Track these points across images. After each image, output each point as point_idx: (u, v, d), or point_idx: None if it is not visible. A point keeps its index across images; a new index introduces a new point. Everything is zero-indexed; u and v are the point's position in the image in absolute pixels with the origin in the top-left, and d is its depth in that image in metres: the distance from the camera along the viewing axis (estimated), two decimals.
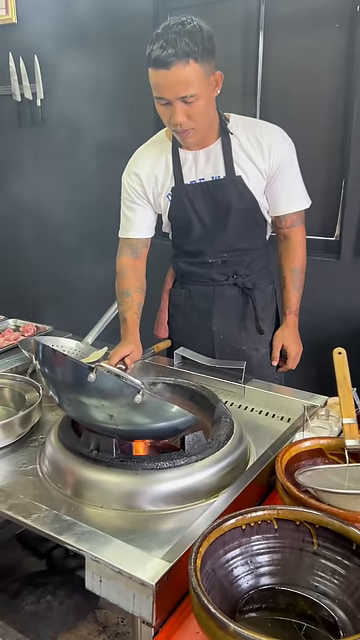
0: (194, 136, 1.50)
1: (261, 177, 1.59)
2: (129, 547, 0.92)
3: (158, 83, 1.38)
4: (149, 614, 0.85)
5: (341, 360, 1.26)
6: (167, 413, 1.11)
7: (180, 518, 1.05)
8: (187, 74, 1.35)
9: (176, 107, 1.40)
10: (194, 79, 1.36)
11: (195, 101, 1.40)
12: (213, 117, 1.53)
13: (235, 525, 0.89)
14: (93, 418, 1.11)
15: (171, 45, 1.32)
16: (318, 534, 0.89)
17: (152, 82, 1.40)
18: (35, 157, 3.14)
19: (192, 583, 0.76)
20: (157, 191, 1.64)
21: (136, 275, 1.68)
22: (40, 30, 2.92)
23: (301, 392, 1.49)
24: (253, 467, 1.15)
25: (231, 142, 1.56)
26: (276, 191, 1.63)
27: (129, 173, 1.66)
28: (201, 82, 1.38)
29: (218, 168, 1.58)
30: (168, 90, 1.38)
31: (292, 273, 1.74)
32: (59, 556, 1.63)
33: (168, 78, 1.35)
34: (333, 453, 1.16)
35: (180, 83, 1.36)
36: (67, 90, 2.93)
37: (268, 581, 0.89)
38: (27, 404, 1.40)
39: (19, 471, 1.21)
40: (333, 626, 0.82)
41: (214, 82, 1.44)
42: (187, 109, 1.41)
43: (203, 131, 1.51)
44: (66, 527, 0.97)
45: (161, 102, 1.42)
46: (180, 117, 1.42)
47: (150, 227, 1.71)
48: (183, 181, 1.61)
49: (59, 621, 1.44)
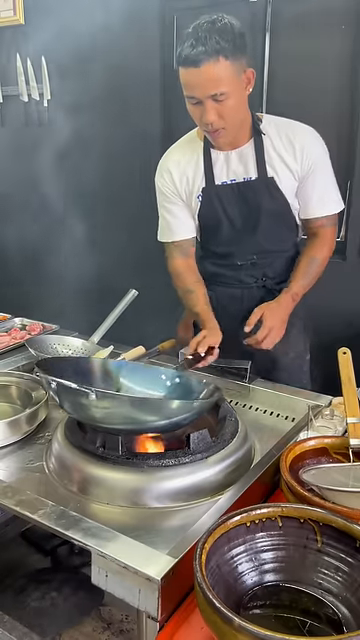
0: (225, 136, 1.48)
1: (293, 178, 1.56)
2: (135, 543, 0.93)
3: (188, 82, 1.37)
4: (154, 609, 0.86)
5: (346, 360, 1.27)
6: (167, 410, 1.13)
7: (185, 515, 1.06)
8: (217, 71, 1.33)
9: (207, 106, 1.39)
10: (224, 76, 1.35)
11: (226, 99, 1.38)
12: (245, 116, 1.51)
13: (240, 522, 0.89)
14: (92, 417, 1.13)
15: (201, 43, 1.31)
16: (322, 532, 0.90)
17: (183, 81, 1.39)
18: (41, 157, 3.15)
19: (197, 578, 0.77)
20: (188, 191, 1.63)
21: (191, 272, 1.69)
22: (47, 31, 2.93)
23: (306, 392, 1.50)
24: (258, 465, 1.16)
25: (263, 143, 1.54)
26: (307, 193, 1.59)
27: (161, 173, 1.65)
28: (232, 80, 1.36)
29: (250, 169, 1.56)
30: (198, 88, 1.36)
31: (309, 261, 1.64)
32: (64, 553, 1.64)
33: (198, 76, 1.34)
34: (337, 452, 1.17)
35: (210, 81, 1.34)
36: (74, 91, 2.95)
37: (272, 578, 0.90)
38: (34, 402, 1.41)
39: (26, 468, 1.22)
40: (337, 623, 0.83)
41: (246, 80, 1.42)
42: (218, 108, 1.39)
43: (235, 131, 1.49)
44: (72, 523, 0.98)
45: (192, 101, 1.41)
46: (211, 116, 1.40)
47: (192, 226, 1.68)
48: (214, 182, 1.58)
49: (64, 617, 1.46)
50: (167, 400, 1.21)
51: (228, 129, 1.46)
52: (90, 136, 2.91)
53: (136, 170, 2.78)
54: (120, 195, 2.88)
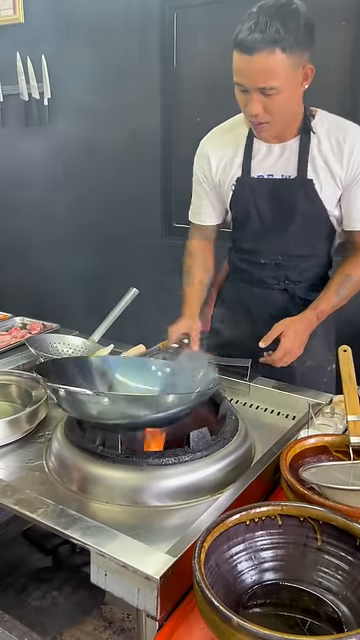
0: (268, 130, 1.41)
1: (335, 185, 1.47)
2: (134, 541, 0.93)
3: (239, 68, 1.30)
4: (154, 608, 0.86)
5: (346, 358, 1.27)
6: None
7: (185, 514, 1.06)
8: (270, 64, 1.25)
9: (253, 97, 1.31)
10: (277, 70, 1.26)
11: (275, 94, 1.30)
12: (296, 113, 1.44)
13: (239, 520, 0.89)
14: (88, 414, 1.14)
15: (260, 29, 1.22)
16: (322, 530, 0.89)
17: (234, 65, 1.31)
18: (42, 156, 3.15)
19: (196, 577, 0.77)
20: (223, 178, 1.59)
21: (202, 256, 1.68)
22: (47, 29, 2.93)
23: (306, 390, 1.50)
24: (258, 464, 1.16)
25: (310, 142, 1.46)
26: (350, 202, 1.49)
27: (200, 154, 1.62)
28: (285, 74, 1.28)
29: (290, 167, 1.48)
30: (247, 77, 1.29)
31: (343, 279, 1.54)
32: (65, 552, 1.64)
33: (249, 65, 1.26)
34: (338, 450, 1.16)
35: (261, 72, 1.26)
36: (74, 89, 2.95)
37: (272, 576, 0.90)
38: (34, 401, 1.41)
39: (26, 467, 1.22)
40: (337, 622, 0.82)
41: (303, 75, 1.34)
42: (265, 101, 1.32)
43: (280, 126, 1.42)
44: (72, 522, 0.97)
45: (239, 88, 1.34)
46: (256, 108, 1.33)
47: (219, 214, 1.67)
48: (250, 174, 1.53)
49: (65, 616, 1.45)
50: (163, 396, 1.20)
51: (273, 124, 1.39)
52: (91, 134, 2.91)
53: (137, 168, 2.78)
54: (122, 193, 2.88)
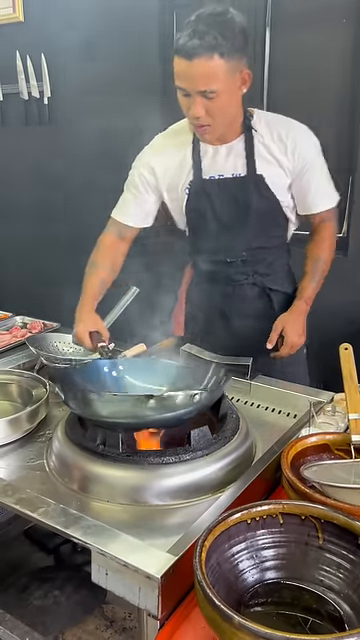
0: (211, 133, 1.47)
1: (284, 175, 1.54)
2: (135, 541, 0.92)
3: (180, 72, 1.35)
4: (155, 607, 0.85)
5: (347, 356, 1.26)
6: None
7: (186, 512, 1.05)
8: (210, 68, 1.31)
9: (195, 100, 1.37)
10: (216, 74, 1.32)
11: (216, 97, 1.36)
12: (236, 115, 1.49)
13: (240, 519, 0.89)
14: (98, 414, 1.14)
15: (198, 36, 1.28)
16: (323, 528, 0.89)
17: (175, 70, 1.37)
18: (42, 155, 3.15)
19: (197, 576, 0.76)
20: (174, 184, 1.60)
21: (112, 254, 1.65)
22: (47, 28, 2.93)
23: (307, 388, 1.50)
24: (259, 462, 1.15)
25: (254, 139, 1.52)
26: (303, 190, 1.58)
27: (143, 162, 1.62)
28: (224, 78, 1.34)
29: (239, 165, 1.54)
30: (188, 81, 1.35)
31: (314, 262, 1.65)
32: (67, 552, 1.64)
33: (189, 69, 1.32)
34: (339, 448, 1.16)
35: (201, 76, 1.32)
36: (74, 88, 2.94)
37: (273, 575, 0.90)
38: (34, 400, 1.41)
39: (26, 466, 1.22)
40: (338, 620, 0.82)
41: (241, 80, 1.40)
42: (207, 104, 1.37)
43: (222, 129, 1.48)
44: (72, 521, 0.97)
45: (182, 92, 1.39)
46: (198, 111, 1.38)
47: (146, 218, 1.67)
48: (202, 176, 1.56)
49: (66, 615, 1.45)
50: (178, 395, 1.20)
51: (214, 126, 1.44)
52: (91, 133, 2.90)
53: None
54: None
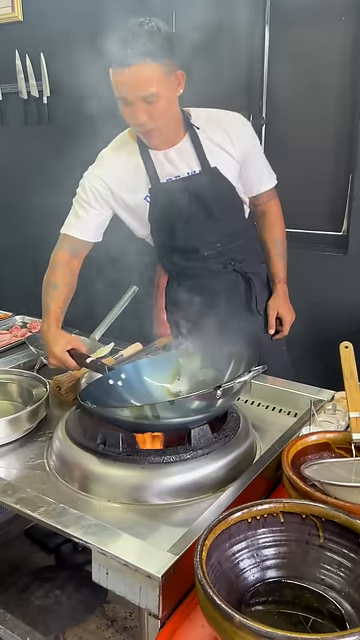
0: (158, 136, 1.51)
1: (235, 163, 1.62)
2: (136, 540, 0.92)
3: (118, 83, 1.39)
4: (155, 606, 0.85)
5: (348, 354, 1.26)
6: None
7: (187, 511, 1.05)
8: (145, 73, 1.36)
9: (138, 107, 1.41)
10: (153, 78, 1.37)
11: (156, 101, 1.40)
12: (177, 116, 1.54)
13: (241, 518, 0.89)
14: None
15: (129, 46, 1.33)
16: (324, 527, 0.89)
17: (113, 82, 1.41)
18: (42, 155, 3.14)
19: (198, 575, 0.76)
20: (131, 196, 1.62)
21: (69, 272, 1.64)
22: (46, 28, 2.92)
23: (308, 387, 1.49)
24: (259, 461, 1.15)
25: (199, 136, 1.57)
26: (248, 173, 1.68)
27: (95, 177, 1.62)
28: (161, 81, 1.39)
29: (192, 163, 1.59)
30: (127, 89, 1.39)
31: (275, 244, 1.81)
32: (68, 551, 1.64)
33: (127, 77, 1.37)
34: (340, 447, 1.16)
35: (139, 82, 1.37)
36: (74, 88, 2.93)
37: (274, 574, 0.89)
38: (34, 399, 1.41)
39: (27, 465, 1.22)
40: (339, 619, 0.82)
41: (176, 81, 1.44)
42: (149, 109, 1.42)
43: (167, 131, 1.52)
44: (73, 520, 0.97)
45: (123, 102, 1.43)
46: (142, 117, 1.42)
47: (98, 233, 1.68)
48: (159, 180, 1.59)
49: (67, 615, 1.45)
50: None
51: (160, 129, 1.49)
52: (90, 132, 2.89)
53: None
54: None
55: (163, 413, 1.10)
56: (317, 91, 2.34)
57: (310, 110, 2.37)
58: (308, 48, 2.31)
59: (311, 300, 2.42)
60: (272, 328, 1.79)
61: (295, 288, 1.99)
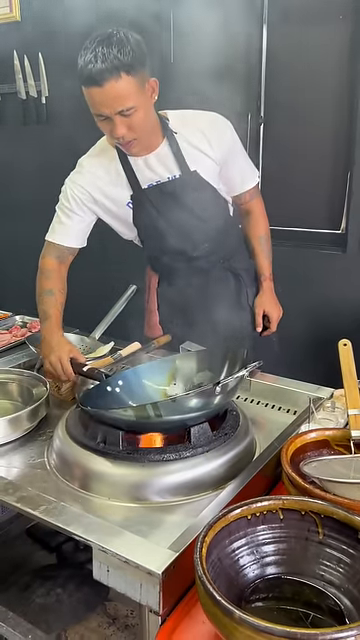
0: (137, 146, 1.50)
1: (214, 165, 1.60)
2: (136, 537, 0.93)
3: (94, 100, 1.37)
4: (156, 603, 0.86)
5: (346, 352, 1.26)
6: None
7: (187, 509, 1.06)
8: (121, 88, 1.33)
9: (116, 121, 1.39)
10: (129, 92, 1.35)
11: (134, 113, 1.39)
12: (154, 123, 1.53)
13: (241, 515, 0.89)
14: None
15: (101, 60, 1.30)
16: (323, 523, 0.89)
17: (88, 100, 1.38)
18: (40, 155, 3.14)
19: (198, 572, 0.77)
20: (113, 202, 1.61)
21: (60, 278, 1.63)
22: (44, 28, 2.92)
23: (307, 384, 1.50)
24: (259, 459, 1.16)
25: (177, 140, 1.56)
26: (230, 174, 1.67)
27: (75, 184, 1.61)
28: (136, 93, 1.36)
29: (172, 168, 1.58)
30: (105, 106, 1.36)
31: (259, 241, 1.81)
32: (69, 550, 1.64)
33: (103, 95, 1.34)
34: (339, 444, 1.16)
35: (116, 98, 1.34)
36: (72, 87, 2.93)
37: (274, 570, 0.90)
38: (35, 399, 1.41)
39: (27, 464, 1.22)
40: (339, 614, 0.83)
41: (150, 89, 1.43)
42: (127, 121, 1.40)
43: (146, 139, 1.51)
44: (73, 518, 0.98)
45: (100, 118, 1.41)
46: (121, 130, 1.41)
47: (83, 238, 1.67)
48: (141, 187, 1.59)
49: (69, 613, 1.46)
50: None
51: (139, 139, 1.47)
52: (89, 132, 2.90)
53: None
54: None
55: (164, 412, 1.11)
56: (315, 90, 2.35)
57: (308, 109, 2.37)
58: (306, 47, 2.32)
59: (310, 298, 2.42)
60: (259, 326, 1.80)
61: (294, 286, 2.00)
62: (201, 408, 1.15)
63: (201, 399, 1.15)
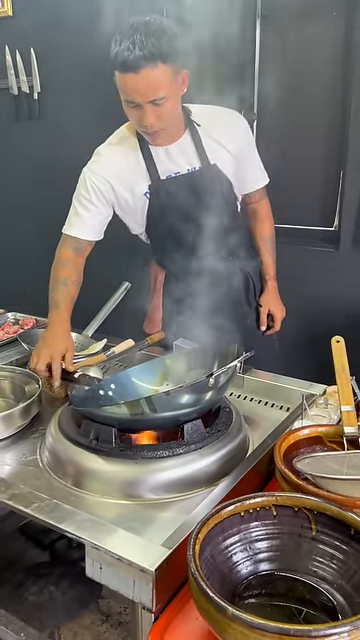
0: (163, 136, 1.52)
1: (233, 160, 1.63)
2: (129, 534, 0.93)
3: (127, 87, 1.37)
4: (149, 600, 0.86)
5: (339, 348, 1.26)
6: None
7: (180, 506, 1.06)
8: (156, 77, 1.34)
9: (146, 110, 1.40)
10: (163, 81, 1.36)
11: (164, 102, 1.40)
12: (179, 114, 1.54)
13: (234, 512, 0.89)
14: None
15: (139, 47, 1.30)
16: (316, 520, 0.90)
17: (120, 85, 1.39)
18: (33, 151, 3.12)
19: (191, 568, 0.77)
20: (130, 192, 1.61)
21: (76, 270, 1.63)
22: (36, 23, 2.90)
23: (300, 381, 1.50)
24: (252, 455, 1.16)
25: (199, 133, 1.58)
26: (244, 171, 1.69)
27: (94, 174, 1.60)
28: (170, 83, 1.38)
29: (192, 160, 1.59)
30: (138, 94, 1.37)
31: (265, 242, 1.84)
32: (62, 547, 1.64)
33: (137, 82, 1.34)
34: (332, 440, 1.16)
35: (150, 86, 1.35)
36: (64, 83, 2.92)
37: (267, 567, 0.90)
38: (27, 396, 1.40)
39: (20, 462, 1.22)
40: (332, 610, 0.83)
41: (181, 81, 1.44)
42: (157, 110, 1.41)
43: (171, 129, 1.53)
44: (66, 516, 0.97)
45: (130, 105, 1.41)
46: (150, 119, 1.42)
47: (100, 231, 1.67)
48: (159, 177, 1.59)
49: (62, 611, 1.45)
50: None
51: (166, 129, 1.49)
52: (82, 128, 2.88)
53: None
54: None
55: (158, 407, 1.10)
56: (309, 87, 2.34)
57: (302, 106, 2.37)
58: (300, 43, 2.31)
59: (303, 295, 2.42)
60: (264, 325, 1.84)
61: (287, 283, 1.99)
62: (194, 403, 1.15)
63: (194, 393, 1.14)
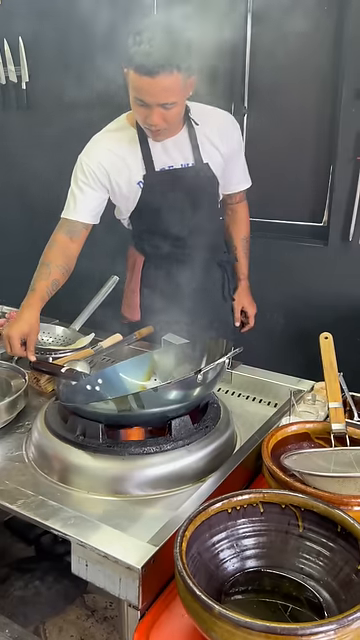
0: (164, 134, 1.55)
1: (222, 160, 1.68)
2: (115, 532, 0.92)
3: (141, 88, 1.39)
4: (135, 597, 0.85)
5: (328, 345, 1.26)
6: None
7: (167, 502, 1.05)
8: (170, 84, 1.37)
9: (154, 111, 1.44)
10: (176, 88, 1.40)
11: (173, 107, 1.44)
12: (182, 112, 1.56)
13: (221, 509, 0.89)
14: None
15: (158, 54, 1.33)
16: (303, 517, 0.90)
17: (133, 84, 1.41)
18: (21, 141, 3.09)
19: (177, 566, 0.76)
20: (124, 179, 1.63)
21: (64, 254, 1.63)
22: (24, 11, 2.86)
23: (288, 377, 1.50)
24: (239, 451, 1.15)
25: (196, 131, 1.62)
26: (231, 172, 1.75)
27: (90, 158, 1.62)
28: (181, 90, 1.42)
29: (187, 155, 1.64)
30: (150, 96, 1.40)
31: (242, 242, 1.91)
32: (48, 542, 1.63)
33: (152, 85, 1.37)
34: (319, 437, 1.16)
35: (163, 92, 1.39)
36: (53, 72, 2.88)
37: (254, 564, 0.90)
38: (13, 390, 1.39)
39: (5, 457, 1.20)
40: (318, 607, 0.83)
41: (189, 86, 1.46)
42: (164, 113, 1.45)
43: (173, 128, 1.57)
44: (52, 512, 0.96)
45: (139, 103, 1.44)
46: (157, 119, 1.45)
47: (97, 215, 1.68)
48: (154, 168, 1.62)
49: (47, 606, 1.45)
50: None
51: (169, 129, 1.54)
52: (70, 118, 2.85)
53: None
54: None
55: (146, 403, 1.10)
56: (299, 82, 2.34)
57: (292, 101, 2.36)
58: (290, 38, 2.30)
59: (291, 291, 2.43)
60: (238, 321, 1.93)
61: (276, 279, 2.00)
62: (182, 400, 1.14)
63: (182, 389, 1.14)
